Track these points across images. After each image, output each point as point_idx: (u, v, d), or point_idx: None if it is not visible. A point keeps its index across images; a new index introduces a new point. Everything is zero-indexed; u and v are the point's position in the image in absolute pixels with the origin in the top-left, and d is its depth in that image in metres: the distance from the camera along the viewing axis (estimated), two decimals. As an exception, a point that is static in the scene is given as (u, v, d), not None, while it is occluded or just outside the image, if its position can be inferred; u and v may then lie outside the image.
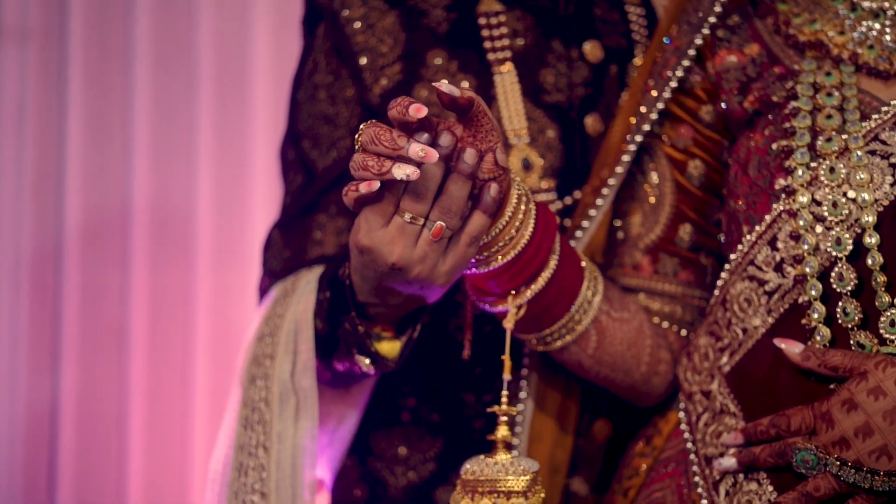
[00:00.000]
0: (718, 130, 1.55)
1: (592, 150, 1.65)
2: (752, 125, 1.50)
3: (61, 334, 2.93)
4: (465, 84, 1.24)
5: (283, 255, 1.64)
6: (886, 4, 1.45)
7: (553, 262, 1.39)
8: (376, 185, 1.21)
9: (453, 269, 1.30)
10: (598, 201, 1.56)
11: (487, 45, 1.65)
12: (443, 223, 1.25)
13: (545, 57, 1.66)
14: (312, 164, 1.64)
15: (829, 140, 1.39)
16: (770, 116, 1.47)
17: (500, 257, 1.34)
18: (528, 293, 1.39)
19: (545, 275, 1.39)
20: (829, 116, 1.41)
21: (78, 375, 2.92)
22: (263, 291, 1.65)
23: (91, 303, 2.93)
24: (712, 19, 1.53)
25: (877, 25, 1.46)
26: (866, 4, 1.47)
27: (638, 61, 1.70)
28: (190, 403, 3.00)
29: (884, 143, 1.36)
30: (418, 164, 1.20)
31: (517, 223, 1.32)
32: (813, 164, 1.38)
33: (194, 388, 2.99)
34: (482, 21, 1.66)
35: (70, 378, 2.91)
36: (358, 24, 1.65)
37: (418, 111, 1.18)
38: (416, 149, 1.19)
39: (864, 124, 1.38)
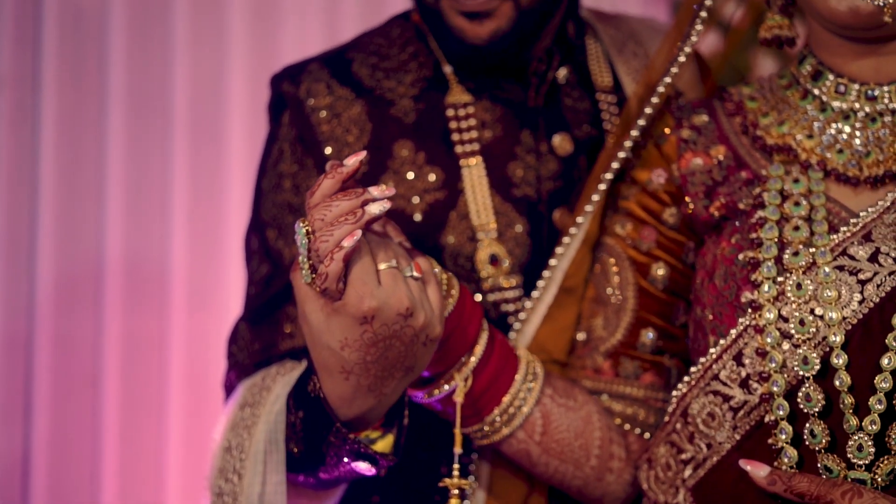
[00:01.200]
0: (682, 232, 1.53)
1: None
2: (719, 229, 1.47)
3: (33, 384, 2.90)
4: (433, 177, 1.32)
5: (252, 347, 1.60)
6: (857, 105, 1.43)
7: (484, 337, 1.42)
8: (359, 232, 1.23)
9: (440, 310, 1.32)
10: (540, 283, 1.56)
11: (455, 137, 1.63)
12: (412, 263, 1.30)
13: (514, 150, 1.64)
14: (279, 255, 1.61)
15: (795, 254, 1.37)
16: (737, 223, 1.45)
17: None
18: (472, 360, 1.41)
19: (478, 350, 1.41)
20: (796, 228, 1.39)
21: (50, 425, 2.89)
22: (229, 388, 1.62)
23: (63, 353, 2.91)
24: (635, 132, 1.52)
25: (846, 128, 1.43)
26: (836, 105, 1.45)
27: None
28: (164, 452, 2.98)
29: (852, 258, 1.34)
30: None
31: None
32: (780, 279, 1.36)
33: (168, 437, 2.97)
34: (450, 112, 1.64)
35: (42, 428, 2.89)
36: (323, 114, 1.62)
37: (357, 156, 1.28)
38: (374, 190, 1.26)
39: (832, 237, 1.36)
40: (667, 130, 1.55)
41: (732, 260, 1.42)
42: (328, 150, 1.61)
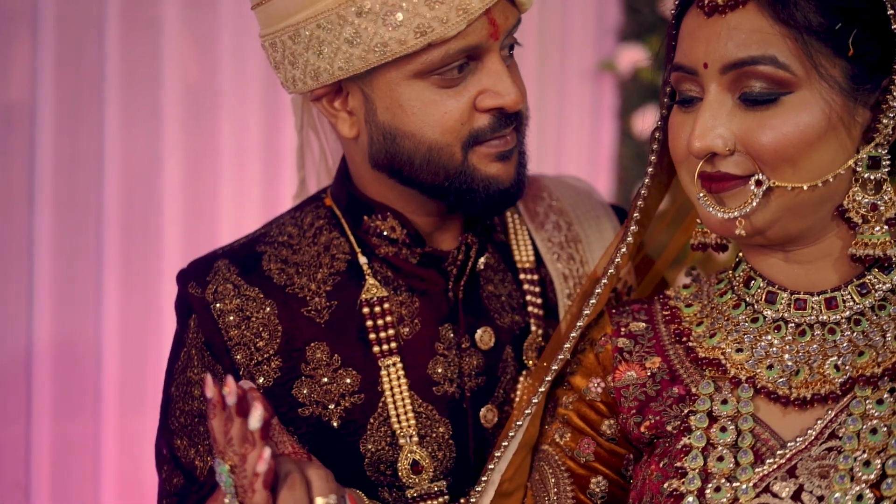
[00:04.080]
0: (621, 444, 1.48)
1: (490, 444, 1.57)
2: (651, 446, 1.42)
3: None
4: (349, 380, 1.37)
5: None
6: (787, 315, 1.38)
7: None
8: (267, 455, 1.20)
9: None
10: (477, 487, 1.51)
11: (372, 335, 1.55)
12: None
13: (434, 346, 1.57)
14: (191, 466, 1.54)
15: (717, 490, 1.32)
16: (666, 444, 1.40)
17: None
18: None
19: None
20: (720, 458, 1.34)
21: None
22: None
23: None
24: (574, 333, 1.48)
25: (776, 341, 1.38)
26: (767, 313, 1.39)
27: (533, 337, 1.62)
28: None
29: (775, 495, 1.29)
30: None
31: None
32: (704, 515, 1.31)
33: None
34: (366, 310, 1.56)
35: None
36: (232, 318, 1.54)
37: (228, 385, 1.24)
38: (229, 398, 1.23)
39: (756, 471, 1.31)
40: (603, 339, 1.49)
41: (658, 488, 1.37)
42: (238, 357, 1.53)
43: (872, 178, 1.32)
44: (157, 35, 3.03)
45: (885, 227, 1.32)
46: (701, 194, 1.34)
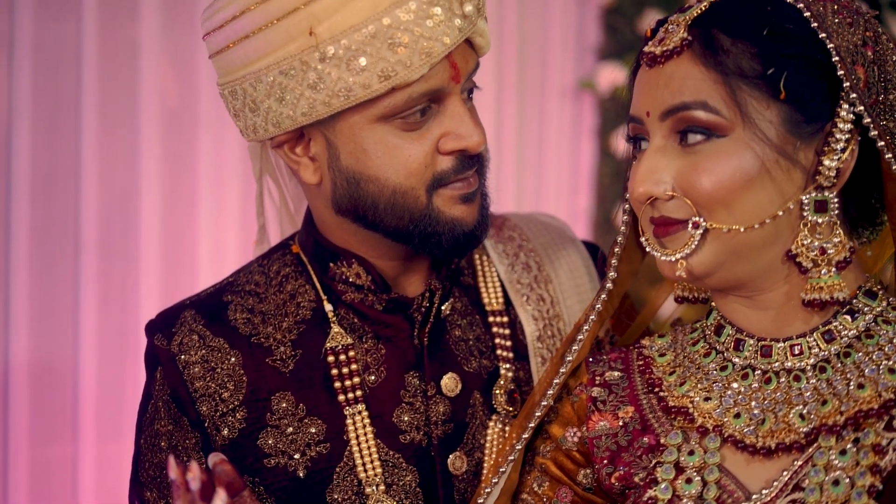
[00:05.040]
0: (598, 494, 1.47)
1: (459, 492, 1.56)
2: (623, 496, 1.42)
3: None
4: (314, 429, 1.35)
5: None
6: (754, 362, 1.38)
7: None
8: None
9: None
10: None
11: (337, 384, 1.54)
12: None
13: (399, 394, 1.56)
14: None
15: None
16: (636, 496, 1.39)
17: None
18: None
19: None
20: None
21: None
22: None
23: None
24: (552, 391, 1.48)
25: (743, 389, 1.38)
26: (737, 361, 1.39)
27: (503, 381, 1.61)
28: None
29: None
30: None
31: None
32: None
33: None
34: (331, 358, 1.55)
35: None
36: (196, 369, 1.53)
37: (192, 471, 1.25)
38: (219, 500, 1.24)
39: None
40: (578, 389, 1.49)
41: (627, 545, 1.37)
42: (203, 409, 1.52)
43: (820, 221, 1.31)
44: (135, 57, 3.01)
45: (834, 270, 1.32)
46: (644, 238, 1.38)
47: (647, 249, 1.37)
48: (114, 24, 2.99)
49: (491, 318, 1.64)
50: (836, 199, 1.32)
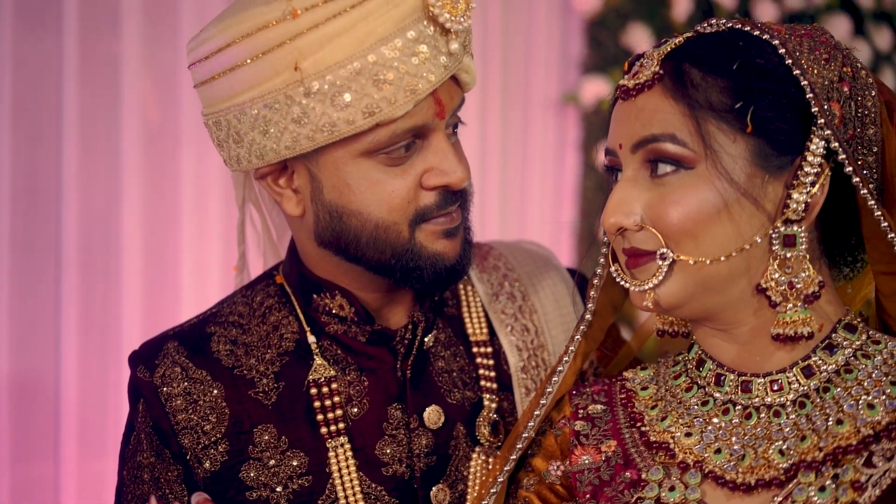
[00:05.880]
0: None
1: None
2: None
3: None
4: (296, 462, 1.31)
5: None
6: (735, 397, 1.38)
7: None
8: None
9: None
10: None
11: (319, 416, 1.54)
12: None
13: (382, 426, 1.56)
14: None
15: None
16: None
17: None
18: None
19: None
20: None
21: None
22: None
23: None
24: (532, 424, 1.48)
25: (724, 424, 1.38)
26: (718, 396, 1.39)
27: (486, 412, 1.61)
28: None
29: None
30: None
31: None
32: None
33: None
34: (313, 390, 1.55)
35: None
36: (178, 402, 1.53)
37: None
38: None
39: None
40: (562, 422, 1.49)
41: (606, 577, 1.37)
42: (185, 441, 1.52)
43: (789, 255, 1.32)
44: (116, 73, 3.00)
45: (801, 304, 1.32)
46: (613, 268, 1.39)
47: (616, 279, 1.38)
48: (95, 39, 2.98)
49: (475, 349, 1.64)
50: (803, 234, 1.32)
